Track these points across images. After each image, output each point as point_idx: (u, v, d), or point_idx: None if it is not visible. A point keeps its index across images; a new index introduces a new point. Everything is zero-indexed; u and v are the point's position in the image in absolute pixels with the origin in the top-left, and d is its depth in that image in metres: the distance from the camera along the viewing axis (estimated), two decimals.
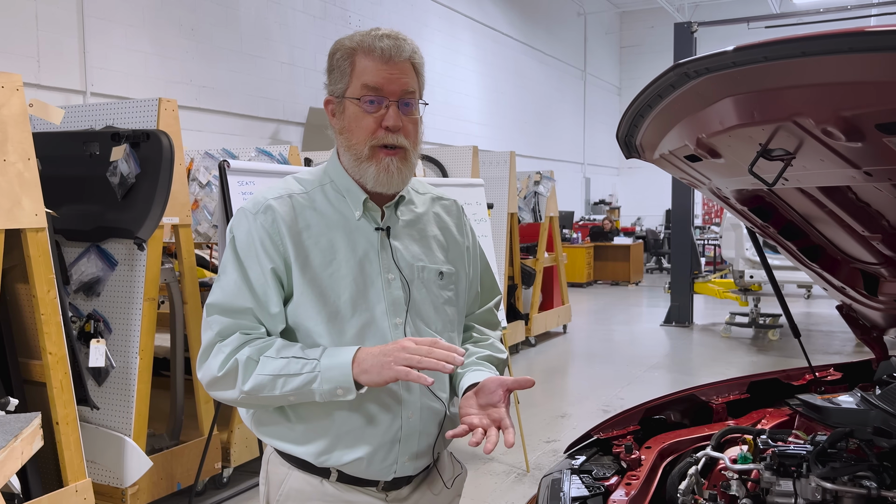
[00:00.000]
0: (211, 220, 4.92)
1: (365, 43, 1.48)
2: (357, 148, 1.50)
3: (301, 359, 1.42)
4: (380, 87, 1.47)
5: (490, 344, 1.71)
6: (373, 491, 1.55)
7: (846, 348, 8.22)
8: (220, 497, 4.19)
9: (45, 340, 3.17)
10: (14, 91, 3.03)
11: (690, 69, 1.34)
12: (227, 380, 1.44)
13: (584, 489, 1.71)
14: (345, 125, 1.51)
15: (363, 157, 1.50)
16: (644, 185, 20.09)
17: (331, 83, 1.53)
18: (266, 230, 1.48)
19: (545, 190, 8.79)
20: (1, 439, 1.82)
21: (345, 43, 1.51)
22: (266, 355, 1.43)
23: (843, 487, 1.52)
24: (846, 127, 1.18)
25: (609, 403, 6.15)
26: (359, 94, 1.47)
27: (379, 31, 1.50)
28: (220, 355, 1.45)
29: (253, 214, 1.50)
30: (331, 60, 1.53)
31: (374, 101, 1.47)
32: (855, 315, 2.28)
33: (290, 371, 1.42)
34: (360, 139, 1.49)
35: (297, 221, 1.50)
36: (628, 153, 1.92)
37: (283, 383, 1.42)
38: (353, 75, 1.48)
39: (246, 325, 1.47)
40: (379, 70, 1.47)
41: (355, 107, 1.48)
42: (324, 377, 1.41)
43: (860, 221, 1.64)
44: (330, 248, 1.50)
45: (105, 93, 6.88)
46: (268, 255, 1.47)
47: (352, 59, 1.49)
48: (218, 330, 1.46)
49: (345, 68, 1.49)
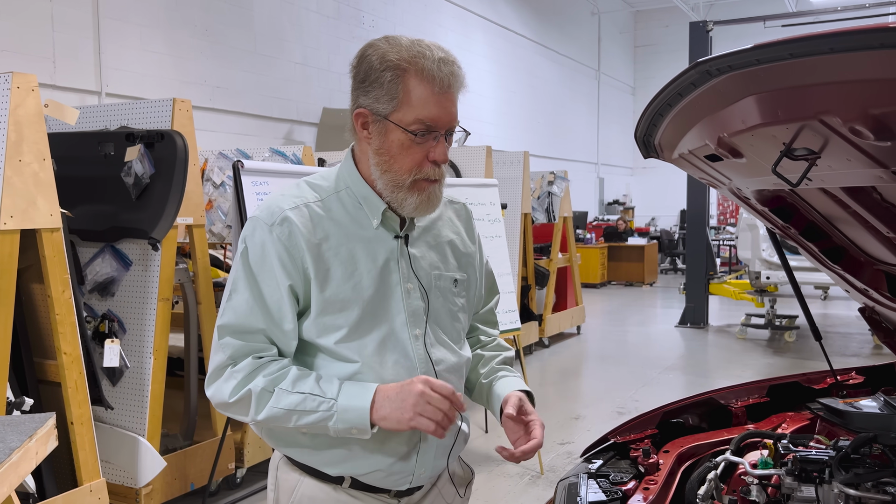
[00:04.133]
0: (225, 221, 4.92)
1: (419, 65, 1.38)
2: (399, 177, 1.43)
3: (317, 396, 1.39)
4: (435, 122, 1.40)
5: (498, 345, 1.75)
6: (385, 497, 1.54)
7: (864, 350, 8.13)
8: (234, 497, 4.19)
9: (60, 340, 3.18)
10: (30, 91, 3.04)
11: (712, 67, 1.31)
12: (240, 407, 1.42)
13: (601, 494, 1.69)
14: (385, 148, 1.43)
15: (404, 187, 1.44)
16: (658, 185, 19.99)
17: (369, 97, 1.41)
18: (283, 244, 1.41)
19: (559, 190, 8.75)
20: (16, 439, 1.82)
21: (391, 58, 1.39)
22: (281, 387, 1.40)
23: (867, 494, 1.49)
24: (875, 125, 1.15)
25: (624, 405, 6.11)
26: (412, 128, 1.39)
27: (430, 48, 1.41)
28: (231, 381, 1.41)
29: (269, 226, 1.43)
30: (370, 71, 1.40)
31: (425, 133, 1.41)
32: (878, 318, 2.24)
33: (305, 408, 1.39)
34: (403, 169, 1.42)
35: (314, 233, 1.44)
36: (647, 153, 1.89)
37: (297, 418, 1.40)
38: (404, 101, 1.39)
39: (258, 348, 1.43)
40: (435, 102, 1.39)
41: (403, 135, 1.40)
42: (340, 417, 1.39)
43: (885, 222, 1.61)
44: (350, 259, 1.45)
45: (120, 93, 6.92)
46: (285, 272, 1.41)
47: (403, 81, 1.38)
48: (230, 353, 1.42)
49: (394, 90, 1.39)
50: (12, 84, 2.97)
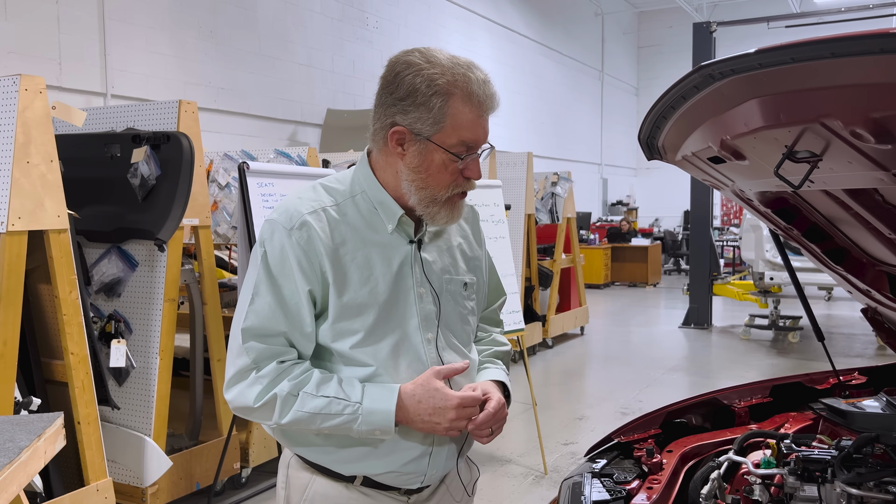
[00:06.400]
0: (230, 222, 4.94)
1: (466, 89, 1.41)
2: (436, 193, 1.47)
3: (342, 400, 1.41)
4: (476, 142, 1.45)
5: (492, 339, 1.76)
6: (396, 495, 1.56)
7: (868, 351, 8.12)
8: (239, 497, 4.20)
9: (67, 341, 3.20)
10: (37, 94, 3.06)
11: (715, 70, 1.32)
12: (264, 412, 1.43)
13: (605, 493, 1.70)
14: (423, 167, 1.45)
15: (439, 202, 1.48)
16: (662, 185, 19.98)
17: (409, 116, 1.42)
18: (303, 248, 1.43)
19: (562, 191, 8.76)
20: (25, 438, 1.84)
21: (439, 82, 1.40)
22: (305, 391, 1.41)
23: (869, 493, 1.50)
24: (876, 129, 1.16)
25: (627, 406, 6.11)
26: (455, 150, 1.43)
27: (471, 68, 1.44)
28: (256, 386, 1.42)
29: (287, 230, 1.44)
30: (415, 93, 1.41)
31: (466, 155, 1.45)
32: (880, 318, 2.25)
33: (330, 411, 1.41)
34: (441, 185, 1.46)
35: (332, 238, 1.45)
36: (650, 155, 1.91)
37: (321, 420, 1.42)
38: (449, 123, 1.41)
39: (280, 351, 1.44)
40: (477, 124, 1.44)
41: (445, 157, 1.43)
42: (365, 420, 1.41)
43: (887, 224, 1.62)
44: (366, 264, 1.47)
45: (125, 95, 6.94)
46: (304, 276, 1.43)
47: (450, 101, 1.41)
48: (254, 357, 1.42)
49: (440, 113, 1.41)
50: (20, 86, 3.00)
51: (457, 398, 1.43)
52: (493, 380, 1.60)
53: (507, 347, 1.76)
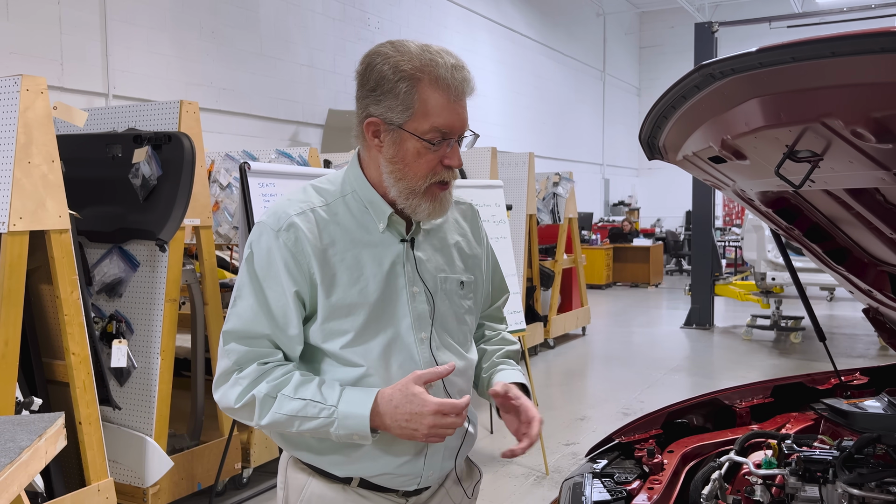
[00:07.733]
0: (231, 222, 4.95)
1: (434, 73, 1.39)
2: (414, 184, 1.44)
3: (318, 403, 1.40)
4: (449, 129, 1.41)
5: (502, 339, 1.75)
6: (394, 497, 1.55)
7: (870, 352, 8.11)
8: (240, 497, 4.21)
9: (69, 341, 3.20)
10: (39, 94, 3.06)
11: (716, 70, 1.32)
12: (245, 412, 1.44)
13: (605, 493, 1.70)
14: (398, 157, 1.43)
15: (418, 193, 1.45)
16: (663, 186, 19.97)
17: (381, 106, 1.41)
18: (290, 250, 1.42)
19: (564, 191, 8.76)
20: (26, 438, 1.84)
21: (404, 67, 1.38)
22: (283, 393, 1.41)
23: (871, 494, 1.50)
24: (877, 128, 1.16)
25: (629, 406, 6.11)
26: (427, 136, 1.40)
27: (440, 54, 1.41)
28: (237, 387, 1.42)
29: (275, 232, 1.43)
30: (382, 81, 1.40)
31: (440, 141, 1.41)
32: (882, 319, 2.25)
33: (307, 414, 1.40)
34: (418, 175, 1.43)
35: (321, 238, 1.44)
36: (651, 155, 1.91)
37: (299, 423, 1.41)
38: (419, 110, 1.39)
39: (263, 353, 1.44)
40: (450, 109, 1.40)
41: (419, 144, 1.41)
42: (341, 424, 1.40)
43: (888, 223, 1.61)
44: (356, 264, 1.46)
45: (127, 95, 6.95)
46: (291, 278, 1.42)
47: (418, 89, 1.38)
48: (235, 359, 1.43)
49: (409, 100, 1.39)
50: (21, 87, 3.00)
51: (434, 404, 1.37)
52: (515, 382, 1.60)
53: (517, 346, 1.76)
